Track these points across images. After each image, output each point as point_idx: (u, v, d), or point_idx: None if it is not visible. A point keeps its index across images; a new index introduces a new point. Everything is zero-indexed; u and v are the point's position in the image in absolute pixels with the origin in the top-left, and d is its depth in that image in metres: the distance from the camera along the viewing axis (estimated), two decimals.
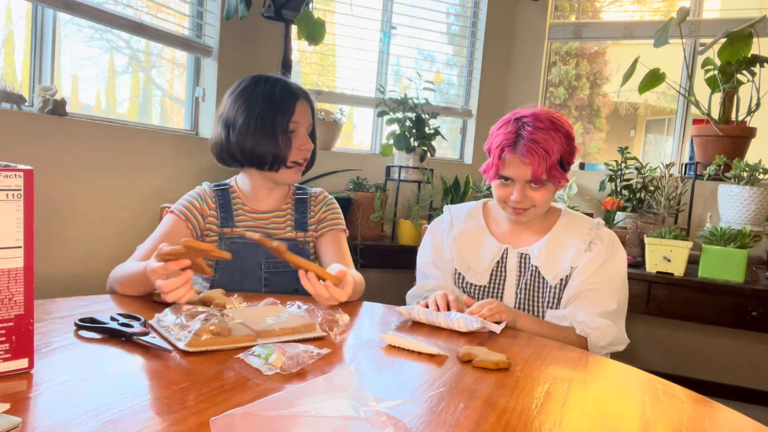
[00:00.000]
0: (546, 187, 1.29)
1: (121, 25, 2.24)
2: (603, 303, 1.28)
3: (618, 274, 1.32)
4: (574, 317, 1.27)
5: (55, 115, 1.96)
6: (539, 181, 1.26)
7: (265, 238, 1.05)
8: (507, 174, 1.29)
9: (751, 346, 2.84)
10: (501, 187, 1.32)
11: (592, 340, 1.25)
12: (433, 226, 1.51)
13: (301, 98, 1.39)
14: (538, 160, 1.24)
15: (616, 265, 1.33)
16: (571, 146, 1.30)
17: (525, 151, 1.24)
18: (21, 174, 0.69)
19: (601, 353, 1.27)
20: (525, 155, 1.25)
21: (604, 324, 1.26)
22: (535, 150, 1.24)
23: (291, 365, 0.80)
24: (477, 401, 0.76)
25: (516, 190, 1.29)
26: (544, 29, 3.34)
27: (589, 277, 1.30)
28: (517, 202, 1.30)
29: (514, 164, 1.27)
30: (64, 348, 0.83)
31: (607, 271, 1.31)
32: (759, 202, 2.34)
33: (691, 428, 0.76)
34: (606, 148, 4.13)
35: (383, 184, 2.97)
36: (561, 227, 1.38)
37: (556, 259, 1.34)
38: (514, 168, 1.28)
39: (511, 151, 1.27)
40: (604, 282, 1.30)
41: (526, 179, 1.27)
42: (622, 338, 1.29)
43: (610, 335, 1.26)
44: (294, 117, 1.35)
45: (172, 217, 1.35)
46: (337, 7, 3.13)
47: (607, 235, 1.35)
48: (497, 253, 1.39)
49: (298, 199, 1.46)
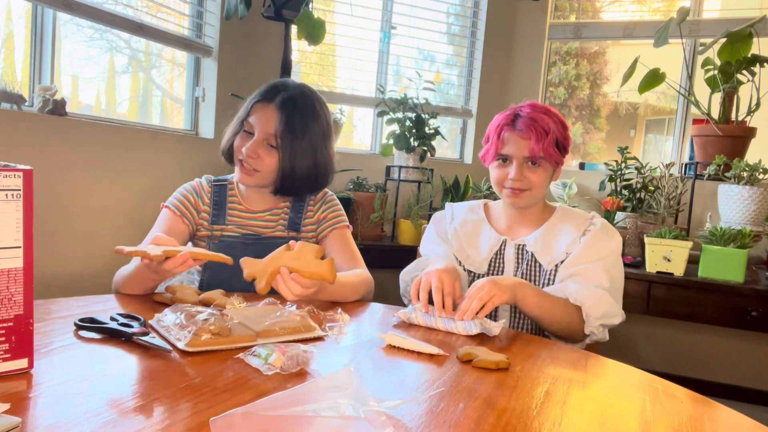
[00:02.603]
0: (543, 167, 1.32)
1: (121, 25, 2.23)
2: (593, 279, 1.29)
3: (610, 255, 1.34)
4: (566, 288, 1.27)
5: (55, 115, 1.95)
6: (537, 157, 1.30)
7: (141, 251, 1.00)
8: (506, 152, 1.33)
9: (751, 346, 2.84)
10: (499, 167, 1.36)
11: (585, 310, 1.24)
12: (435, 218, 1.54)
13: (269, 103, 1.31)
14: (536, 136, 1.28)
15: (609, 246, 1.34)
16: (566, 133, 1.35)
17: (523, 127, 1.30)
18: (20, 174, 0.69)
19: (597, 327, 1.25)
20: (524, 130, 1.30)
21: (598, 293, 1.26)
22: (533, 126, 1.29)
23: (291, 365, 0.80)
24: (477, 401, 0.76)
25: (514, 167, 1.32)
26: (544, 29, 3.34)
27: (580, 256, 1.32)
28: (514, 181, 1.32)
29: (513, 140, 1.32)
30: (63, 348, 0.83)
31: (598, 252, 1.33)
32: (759, 202, 2.33)
33: (691, 428, 0.76)
34: (606, 148, 4.13)
35: (383, 184, 2.97)
36: (557, 219, 1.41)
37: (551, 246, 1.37)
38: (512, 144, 1.32)
39: (509, 129, 1.33)
40: (596, 261, 1.31)
41: (524, 155, 1.31)
42: (618, 310, 1.29)
43: (604, 305, 1.26)
44: (249, 117, 1.32)
45: (168, 212, 1.35)
46: (337, 7, 3.13)
47: (602, 222, 1.39)
48: (496, 244, 1.41)
49: (296, 198, 1.45)
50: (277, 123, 1.29)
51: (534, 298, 1.22)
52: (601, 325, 1.27)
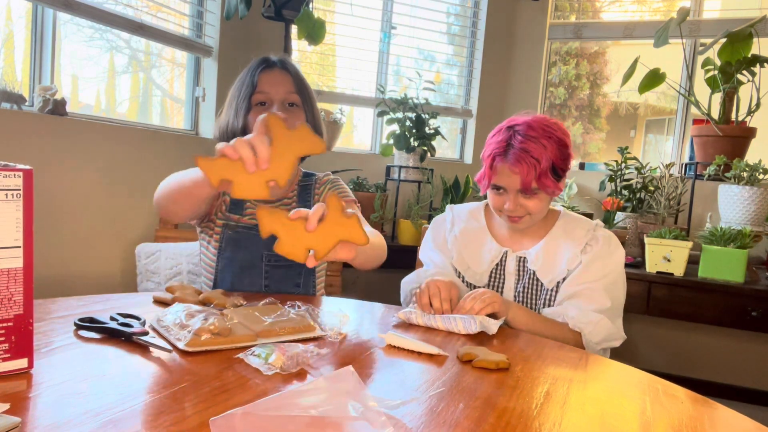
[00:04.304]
0: (539, 195, 1.29)
1: (121, 25, 2.23)
2: (596, 300, 1.27)
3: (612, 273, 1.31)
4: (566, 313, 1.26)
5: (55, 115, 1.95)
6: (529, 190, 1.26)
7: None
8: (498, 183, 1.29)
9: (751, 346, 2.84)
10: (495, 196, 1.33)
11: (586, 336, 1.24)
12: (435, 223, 1.51)
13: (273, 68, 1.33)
14: (527, 169, 1.23)
15: (611, 263, 1.32)
16: (565, 153, 1.28)
17: (514, 160, 1.24)
18: (20, 174, 0.69)
19: (596, 350, 1.26)
20: (514, 164, 1.24)
21: (597, 318, 1.25)
22: (523, 159, 1.23)
23: (291, 365, 0.80)
24: (477, 401, 0.76)
25: (509, 199, 1.29)
26: (544, 29, 3.34)
27: (582, 275, 1.30)
28: (510, 211, 1.30)
29: (505, 173, 1.28)
30: (63, 348, 0.83)
31: (601, 270, 1.30)
32: (759, 202, 2.33)
33: (691, 428, 0.76)
34: (606, 148, 4.13)
35: (383, 184, 2.97)
36: (558, 230, 1.38)
37: (552, 263, 1.34)
38: (504, 177, 1.28)
39: (501, 160, 1.27)
40: (597, 280, 1.29)
41: (517, 188, 1.27)
42: (618, 333, 1.28)
43: (604, 330, 1.25)
44: (260, 87, 1.30)
45: None
46: (337, 7, 3.13)
47: (604, 236, 1.35)
48: (497, 256, 1.39)
49: (303, 186, 1.44)
50: (292, 79, 1.33)
51: (523, 318, 1.24)
52: (602, 349, 1.28)
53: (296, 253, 0.85)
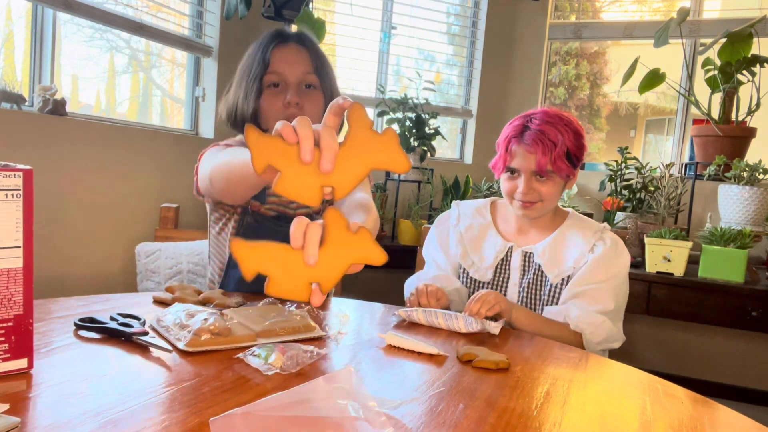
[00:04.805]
0: (552, 180, 1.30)
1: (121, 25, 2.23)
2: (600, 301, 1.28)
3: (618, 275, 1.32)
4: (568, 313, 1.27)
5: (55, 115, 1.95)
6: (544, 171, 1.27)
7: None
8: (513, 165, 1.31)
9: (751, 346, 2.84)
10: (509, 180, 1.34)
11: (586, 336, 1.25)
12: (440, 220, 1.52)
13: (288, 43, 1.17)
14: (542, 149, 1.26)
15: (617, 266, 1.32)
16: (580, 142, 1.31)
17: (530, 141, 1.27)
18: (20, 174, 0.69)
19: (596, 350, 1.26)
20: (530, 144, 1.27)
21: (599, 320, 1.26)
22: (540, 140, 1.26)
23: (291, 365, 0.80)
24: (477, 401, 0.76)
25: (522, 181, 1.30)
26: (544, 29, 3.34)
27: (587, 276, 1.30)
28: (523, 194, 1.30)
29: (520, 154, 1.30)
30: (63, 348, 0.83)
31: (608, 271, 1.31)
32: (759, 202, 2.33)
33: (691, 428, 0.76)
34: (606, 148, 4.13)
35: (383, 184, 2.97)
36: (567, 228, 1.38)
37: (559, 259, 1.34)
38: (519, 158, 1.30)
39: (517, 142, 1.30)
40: (603, 282, 1.30)
41: (532, 170, 1.29)
42: (618, 335, 1.29)
43: (604, 331, 1.26)
44: (272, 67, 1.15)
45: None
46: (337, 7, 3.13)
47: (612, 238, 1.36)
48: (502, 251, 1.39)
49: None
50: (310, 57, 1.17)
51: (525, 318, 1.25)
52: (601, 350, 1.29)
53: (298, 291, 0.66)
